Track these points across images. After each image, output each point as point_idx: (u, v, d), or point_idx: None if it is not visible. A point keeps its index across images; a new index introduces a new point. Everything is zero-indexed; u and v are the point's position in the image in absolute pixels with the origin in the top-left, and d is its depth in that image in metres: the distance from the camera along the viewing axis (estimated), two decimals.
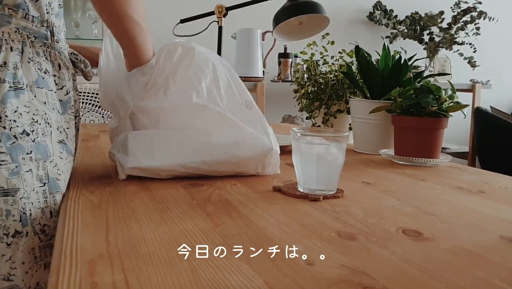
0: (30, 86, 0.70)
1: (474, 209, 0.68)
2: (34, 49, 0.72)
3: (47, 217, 0.70)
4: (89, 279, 0.42)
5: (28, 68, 0.71)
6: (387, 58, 1.20)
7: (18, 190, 0.66)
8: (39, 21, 0.73)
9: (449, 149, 3.28)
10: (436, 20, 3.31)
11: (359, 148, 1.20)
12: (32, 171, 0.68)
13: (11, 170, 0.65)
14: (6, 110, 0.66)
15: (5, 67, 0.67)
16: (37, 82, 0.71)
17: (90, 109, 2.09)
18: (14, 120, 0.67)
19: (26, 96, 0.69)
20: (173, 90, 0.81)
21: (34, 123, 0.70)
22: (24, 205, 0.67)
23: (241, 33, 2.75)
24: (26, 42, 0.71)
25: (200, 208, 0.65)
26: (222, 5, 1.63)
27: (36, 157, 0.69)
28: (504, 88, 3.91)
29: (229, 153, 0.81)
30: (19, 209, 0.66)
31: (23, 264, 0.68)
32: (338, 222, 0.60)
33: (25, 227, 0.67)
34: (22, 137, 0.67)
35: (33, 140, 0.69)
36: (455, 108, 1.02)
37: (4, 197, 0.65)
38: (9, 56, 0.68)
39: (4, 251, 0.66)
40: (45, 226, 0.69)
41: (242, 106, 0.84)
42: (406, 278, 0.43)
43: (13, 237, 0.66)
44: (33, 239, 0.68)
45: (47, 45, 0.75)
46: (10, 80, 0.67)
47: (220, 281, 0.42)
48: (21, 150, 0.67)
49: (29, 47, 0.71)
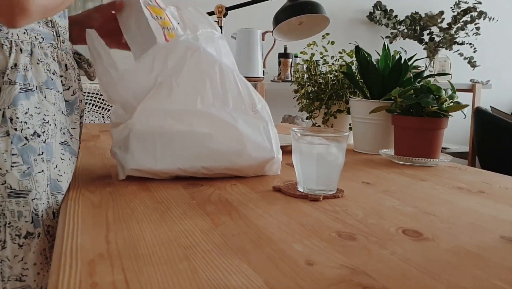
0: (40, 87, 0.70)
1: (474, 209, 0.68)
2: (42, 50, 0.72)
3: (50, 218, 0.70)
4: (89, 279, 0.42)
5: (38, 70, 0.71)
6: (387, 58, 1.20)
7: (30, 191, 0.66)
8: (44, 21, 0.73)
9: (449, 149, 3.28)
10: (436, 20, 3.31)
11: (359, 148, 1.20)
12: (44, 172, 0.69)
13: (22, 172, 0.66)
14: (17, 112, 0.66)
15: (15, 68, 0.67)
16: (46, 83, 0.72)
17: (90, 109, 2.09)
18: (25, 122, 0.67)
19: (36, 97, 0.69)
20: (176, 93, 0.79)
21: (45, 124, 0.70)
22: (36, 206, 0.67)
23: (241, 33, 2.75)
24: (34, 44, 0.71)
25: (200, 208, 0.65)
26: (222, 5, 1.63)
27: (47, 158, 0.70)
28: (504, 88, 3.91)
29: (230, 161, 0.81)
30: (31, 210, 0.67)
31: (35, 265, 0.68)
32: (338, 222, 0.60)
33: (36, 228, 0.68)
34: (33, 138, 0.68)
35: (44, 141, 0.69)
36: (455, 108, 1.02)
37: (16, 198, 0.66)
38: (19, 57, 0.68)
39: (16, 252, 0.67)
40: (49, 227, 0.70)
41: (248, 110, 0.83)
42: (406, 278, 0.43)
43: (25, 238, 0.67)
44: (43, 240, 0.69)
45: (54, 46, 0.75)
46: (20, 81, 0.67)
47: (220, 281, 0.42)
48: (33, 152, 0.67)
49: (37, 48, 0.71)
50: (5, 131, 0.65)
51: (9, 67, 0.67)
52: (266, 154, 0.82)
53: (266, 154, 0.82)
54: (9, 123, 0.66)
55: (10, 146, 0.65)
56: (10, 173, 0.65)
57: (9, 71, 0.67)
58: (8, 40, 0.68)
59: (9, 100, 0.66)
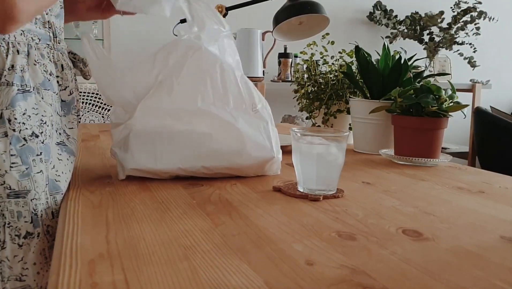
0: (37, 88, 0.71)
1: (474, 209, 0.68)
2: (39, 51, 0.72)
3: (49, 218, 0.70)
4: (89, 279, 0.42)
5: (35, 71, 0.71)
6: (387, 58, 1.20)
7: (29, 191, 0.67)
8: (41, 22, 0.73)
9: (449, 149, 3.28)
10: (436, 20, 3.31)
11: (359, 148, 1.20)
12: (43, 172, 0.69)
13: (21, 172, 0.66)
14: (15, 113, 0.67)
15: (12, 70, 0.68)
16: (43, 84, 0.72)
17: (90, 109, 2.09)
18: (23, 123, 0.67)
19: (33, 98, 0.70)
20: (177, 91, 0.80)
21: (43, 124, 0.70)
22: (35, 206, 0.68)
23: (241, 33, 2.75)
24: (31, 45, 0.71)
25: (200, 208, 0.65)
26: (222, 5, 1.63)
27: (45, 158, 0.70)
28: (504, 88, 3.91)
29: (230, 161, 0.81)
30: (30, 211, 0.67)
31: (35, 265, 0.69)
32: (338, 222, 0.60)
33: (36, 228, 0.68)
34: (32, 139, 0.68)
35: (42, 142, 0.70)
36: (455, 108, 1.02)
37: (15, 199, 0.66)
38: (16, 59, 0.68)
39: (16, 252, 0.67)
40: (49, 226, 0.70)
41: (248, 109, 0.83)
42: (406, 278, 0.43)
43: (24, 238, 0.67)
44: (43, 240, 0.69)
45: (50, 47, 0.75)
46: (18, 83, 0.68)
47: (220, 281, 0.42)
48: (31, 152, 0.68)
49: (34, 49, 0.72)
50: (4, 132, 0.66)
51: (6, 68, 0.67)
52: (266, 154, 0.82)
53: (266, 153, 0.82)
54: (8, 124, 0.66)
55: (9, 146, 0.66)
56: (9, 174, 0.65)
57: (6, 73, 0.67)
58: (5, 42, 0.68)
59: (7, 101, 0.66)
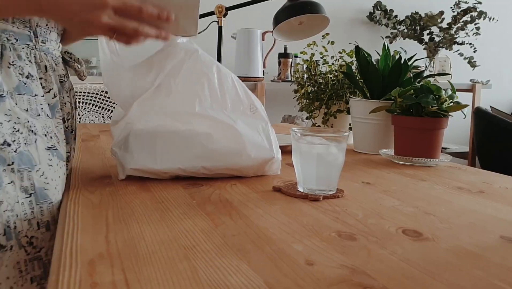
0: (10, 93, 0.67)
1: (474, 209, 0.68)
2: (15, 52, 0.69)
3: (34, 229, 0.66)
4: (89, 279, 0.42)
5: (9, 74, 0.67)
6: (387, 58, 1.20)
7: (0, 203, 0.63)
8: (21, 21, 0.70)
9: (449, 149, 3.28)
10: (436, 20, 3.31)
11: (359, 148, 1.20)
12: (14, 182, 0.64)
13: None
14: None
15: None
16: (18, 88, 0.68)
17: (90, 109, 2.09)
18: None
19: (7, 104, 0.65)
20: (175, 95, 0.80)
21: (16, 132, 0.66)
22: (8, 218, 0.63)
23: (241, 33, 2.75)
24: (6, 45, 0.68)
25: (200, 208, 0.65)
26: (222, 5, 1.63)
27: (19, 168, 0.65)
28: (504, 88, 3.91)
29: (230, 161, 0.81)
30: (3, 222, 0.63)
31: (8, 279, 0.64)
32: (338, 222, 0.60)
33: (9, 240, 0.64)
34: (3, 148, 0.64)
35: (15, 150, 0.65)
36: (455, 108, 1.02)
37: None
38: None
39: None
40: (32, 238, 0.66)
41: (246, 110, 0.83)
42: (406, 278, 0.43)
43: None
44: (18, 252, 0.65)
45: (30, 47, 0.72)
46: None
47: (220, 281, 0.42)
48: (2, 162, 0.64)
49: (9, 50, 0.68)
50: None
51: None
52: (266, 154, 0.82)
53: (266, 154, 0.82)
54: None
55: None
56: None
57: None
58: None
59: None
